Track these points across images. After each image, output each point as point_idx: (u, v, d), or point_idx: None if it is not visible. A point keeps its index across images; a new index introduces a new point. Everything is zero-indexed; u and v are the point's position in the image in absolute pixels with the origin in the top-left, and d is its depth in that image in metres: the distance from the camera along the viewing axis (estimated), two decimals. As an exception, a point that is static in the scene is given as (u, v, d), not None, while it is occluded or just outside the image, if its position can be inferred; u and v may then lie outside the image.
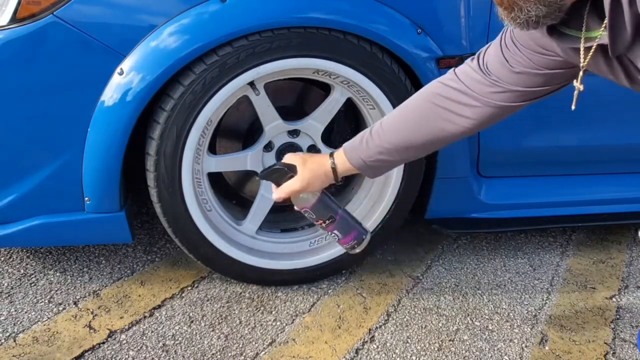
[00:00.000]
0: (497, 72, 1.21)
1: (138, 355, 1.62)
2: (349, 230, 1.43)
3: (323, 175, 1.41)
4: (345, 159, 1.39)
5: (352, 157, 1.38)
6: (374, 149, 1.35)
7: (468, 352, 1.71)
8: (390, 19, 1.69)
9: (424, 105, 1.32)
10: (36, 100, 1.55)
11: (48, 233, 1.69)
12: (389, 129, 1.34)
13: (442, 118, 1.28)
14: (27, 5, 1.48)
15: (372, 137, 1.36)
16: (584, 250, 2.28)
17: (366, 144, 1.36)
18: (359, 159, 1.37)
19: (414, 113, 1.33)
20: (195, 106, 1.62)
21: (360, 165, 1.38)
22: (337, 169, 1.40)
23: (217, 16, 1.57)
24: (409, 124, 1.33)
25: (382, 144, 1.34)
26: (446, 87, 1.29)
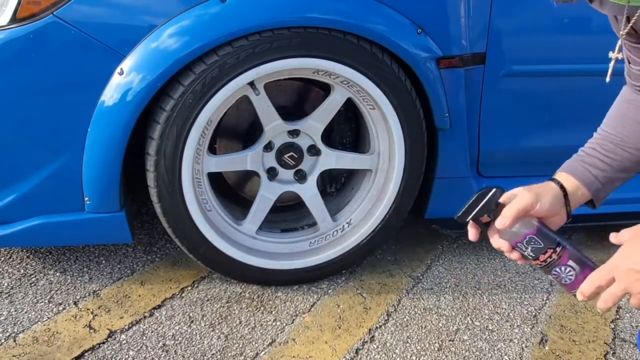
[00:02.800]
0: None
1: (138, 355, 1.62)
2: (585, 264, 1.09)
3: (552, 194, 1.14)
4: (568, 177, 1.17)
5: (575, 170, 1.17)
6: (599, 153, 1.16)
7: (468, 352, 1.71)
8: (390, 19, 1.69)
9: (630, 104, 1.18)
10: (36, 100, 1.55)
11: (48, 233, 1.69)
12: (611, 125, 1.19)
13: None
14: (27, 5, 1.48)
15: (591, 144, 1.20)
16: (584, 251, 2.28)
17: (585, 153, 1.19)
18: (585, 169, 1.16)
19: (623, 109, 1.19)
20: (195, 106, 1.62)
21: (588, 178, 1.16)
22: (567, 188, 1.15)
23: (217, 16, 1.57)
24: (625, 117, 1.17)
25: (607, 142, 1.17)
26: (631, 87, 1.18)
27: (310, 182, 1.90)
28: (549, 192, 1.14)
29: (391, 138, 1.83)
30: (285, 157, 1.84)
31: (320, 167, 1.89)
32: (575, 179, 1.16)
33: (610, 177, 1.16)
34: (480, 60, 1.83)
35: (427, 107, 1.82)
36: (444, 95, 1.80)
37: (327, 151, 1.87)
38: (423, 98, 1.81)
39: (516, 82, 1.91)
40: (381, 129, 1.85)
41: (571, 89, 1.96)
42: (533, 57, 1.89)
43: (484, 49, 1.82)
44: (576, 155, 1.19)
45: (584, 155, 1.18)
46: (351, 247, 1.93)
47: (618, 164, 1.16)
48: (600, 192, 1.17)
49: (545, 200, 1.13)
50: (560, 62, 1.92)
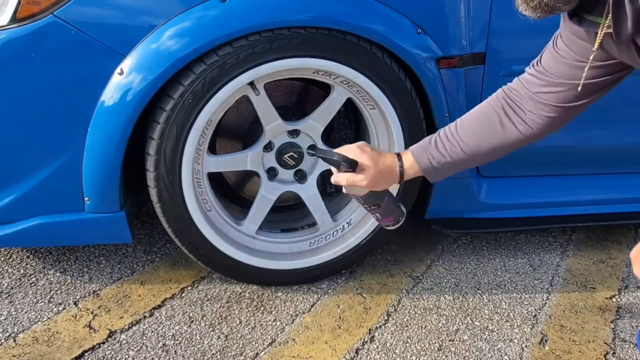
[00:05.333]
0: (549, 65, 1.25)
1: (138, 355, 1.62)
2: (390, 213, 1.49)
3: (390, 177, 1.41)
4: (413, 161, 1.39)
5: (420, 158, 1.39)
6: (443, 150, 1.37)
7: (468, 352, 1.71)
8: (390, 19, 1.69)
9: (489, 111, 1.35)
10: (36, 100, 1.55)
11: (48, 233, 1.69)
12: (460, 131, 1.36)
13: (504, 123, 1.32)
14: (27, 5, 1.48)
15: (442, 139, 1.38)
16: (584, 250, 2.28)
17: (435, 145, 1.37)
18: (428, 160, 1.38)
19: (481, 117, 1.36)
20: (195, 106, 1.62)
21: (427, 167, 1.39)
22: (405, 172, 1.41)
23: (217, 16, 1.57)
24: (477, 127, 1.35)
25: (451, 145, 1.36)
26: (507, 92, 1.33)
27: (310, 182, 1.90)
28: (387, 178, 1.40)
29: (391, 138, 1.83)
30: (285, 157, 1.84)
31: (320, 167, 1.89)
32: (417, 165, 1.39)
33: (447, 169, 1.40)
34: (480, 60, 1.83)
35: (427, 107, 1.82)
36: (444, 95, 1.80)
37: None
38: (423, 98, 1.81)
39: (516, 82, 1.91)
40: (381, 129, 1.85)
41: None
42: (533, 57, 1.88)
43: (484, 49, 1.82)
44: (427, 144, 1.38)
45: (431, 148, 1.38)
46: (351, 247, 1.93)
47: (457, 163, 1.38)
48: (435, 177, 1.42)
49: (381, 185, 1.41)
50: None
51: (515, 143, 1.34)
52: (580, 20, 1.07)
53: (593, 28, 1.07)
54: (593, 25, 1.06)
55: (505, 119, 1.32)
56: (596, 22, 1.05)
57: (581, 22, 1.08)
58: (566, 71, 1.22)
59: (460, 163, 1.38)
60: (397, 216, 1.50)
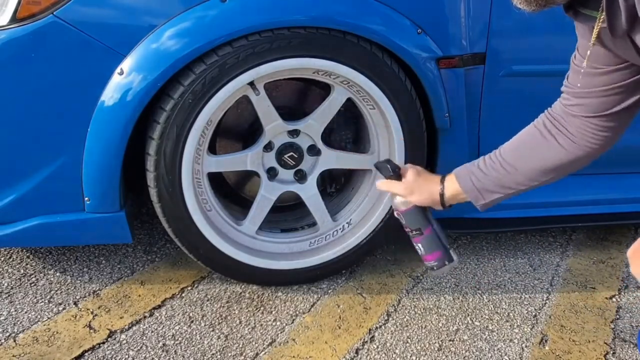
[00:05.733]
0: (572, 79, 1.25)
1: (138, 355, 1.62)
2: (434, 249, 1.44)
3: (429, 193, 1.41)
4: (454, 181, 1.39)
5: (462, 177, 1.38)
6: (484, 167, 1.35)
7: (468, 352, 1.71)
8: (390, 19, 1.69)
9: (531, 129, 1.35)
10: (36, 100, 1.55)
11: (48, 233, 1.69)
12: (502, 149, 1.36)
13: (547, 138, 1.31)
14: (27, 5, 1.48)
15: (484, 159, 1.37)
16: (584, 250, 2.28)
17: (477, 165, 1.37)
18: (469, 179, 1.37)
19: (523, 138, 1.36)
20: (195, 106, 1.62)
21: (468, 185, 1.37)
22: (445, 194, 1.40)
23: (217, 16, 1.57)
24: (518, 142, 1.35)
25: (492, 162, 1.35)
26: (551, 115, 1.33)
27: (310, 182, 1.90)
28: (425, 192, 1.41)
29: (391, 138, 1.83)
30: (285, 157, 1.84)
31: (320, 167, 1.89)
32: (458, 185, 1.38)
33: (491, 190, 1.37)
34: (480, 60, 1.83)
35: (427, 107, 1.82)
36: (444, 95, 1.80)
37: (327, 151, 1.88)
38: (423, 98, 1.81)
39: (516, 82, 1.90)
40: (381, 129, 1.85)
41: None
42: (533, 57, 1.89)
43: (484, 49, 1.82)
44: (470, 165, 1.38)
45: (474, 167, 1.37)
46: (351, 247, 1.93)
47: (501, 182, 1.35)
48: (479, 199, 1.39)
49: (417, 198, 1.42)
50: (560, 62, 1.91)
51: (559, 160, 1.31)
52: (576, 13, 1.07)
53: (589, 22, 1.06)
54: (589, 19, 1.06)
55: (547, 135, 1.31)
56: (592, 16, 1.04)
57: (577, 15, 1.07)
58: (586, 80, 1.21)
59: (504, 182, 1.35)
60: (442, 257, 1.45)
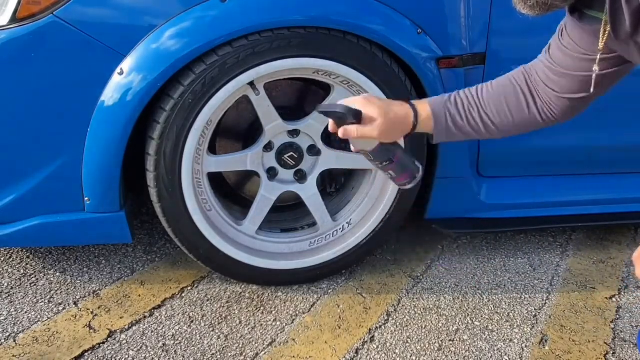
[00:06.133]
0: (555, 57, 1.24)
1: (138, 355, 1.62)
2: (404, 169, 1.40)
3: (402, 127, 1.32)
4: (429, 114, 1.31)
5: (439, 112, 1.31)
6: (462, 109, 1.31)
7: (468, 352, 1.71)
8: (390, 19, 1.69)
9: (512, 83, 1.32)
10: (36, 100, 1.55)
11: (48, 233, 1.69)
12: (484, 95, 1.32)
13: (526, 100, 1.29)
14: (27, 5, 1.48)
15: (462, 98, 1.32)
16: (584, 250, 2.28)
17: (455, 103, 1.32)
18: (444, 116, 1.31)
19: (504, 88, 1.33)
20: (195, 106, 1.62)
21: (441, 129, 1.32)
22: (419, 124, 1.32)
23: (217, 16, 1.57)
24: (500, 95, 1.32)
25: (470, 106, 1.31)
26: (528, 71, 1.31)
27: (310, 182, 1.90)
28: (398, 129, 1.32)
29: (391, 138, 1.83)
30: (285, 157, 1.84)
31: (320, 167, 1.89)
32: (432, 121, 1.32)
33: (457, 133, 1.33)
34: (480, 60, 1.83)
35: (427, 107, 1.82)
36: (444, 95, 1.80)
37: (327, 151, 1.87)
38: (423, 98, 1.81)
39: (516, 82, 1.90)
40: (381, 129, 1.85)
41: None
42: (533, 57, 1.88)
43: (484, 49, 1.82)
44: (447, 100, 1.32)
45: (451, 105, 1.32)
46: (351, 247, 1.93)
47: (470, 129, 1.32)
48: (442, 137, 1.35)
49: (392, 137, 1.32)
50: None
51: (532, 123, 1.31)
52: (581, 15, 1.07)
53: (594, 24, 1.06)
54: (594, 21, 1.05)
55: (526, 95, 1.29)
56: (597, 18, 1.04)
57: (582, 17, 1.07)
58: (571, 63, 1.21)
59: (473, 128, 1.32)
60: (412, 172, 1.41)
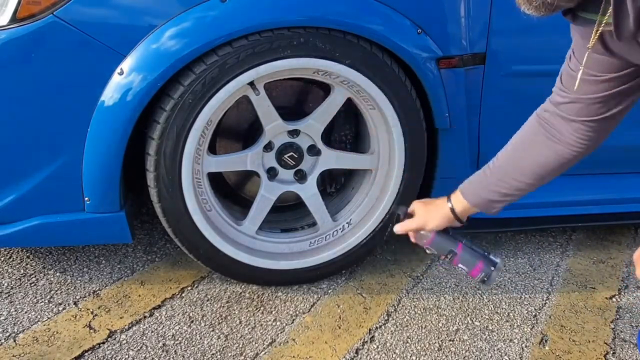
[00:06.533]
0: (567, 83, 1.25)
1: (138, 355, 1.62)
2: (474, 262, 1.48)
3: (441, 216, 1.45)
4: (462, 198, 1.42)
5: (468, 194, 1.41)
6: (489, 182, 1.38)
7: (468, 352, 1.71)
8: (390, 19, 1.69)
9: (524, 133, 1.36)
10: (36, 100, 1.55)
11: (48, 233, 1.69)
12: (502, 160, 1.38)
13: (546, 145, 1.32)
14: (27, 5, 1.48)
15: (486, 171, 1.39)
16: (584, 250, 2.28)
17: (481, 179, 1.39)
18: (476, 195, 1.40)
19: (523, 144, 1.37)
20: (195, 106, 1.62)
21: (478, 202, 1.41)
22: (456, 209, 1.44)
23: (217, 16, 1.57)
24: (514, 147, 1.37)
25: (496, 175, 1.37)
26: (540, 115, 1.33)
27: (310, 182, 1.90)
28: (437, 215, 1.45)
29: (391, 138, 1.83)
30: (285, 157, 1.84)
31: (320, 167, 1.89)
32: (467, 203, 1.42)
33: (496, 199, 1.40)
34: (480, 60, 1.83)
35: (427, 107, 1.82)
36: (444, 95, 1.80)
37: (327, 151, 1.88)
38: (423, 98, 1.81)
39: (516, 82, 1.90)
40: (381, 129, 1.85)
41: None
42: (533, 57, 1.89)
43: (484, 49, 1.82)
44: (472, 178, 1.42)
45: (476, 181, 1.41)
46: (351, 247, 1.93)
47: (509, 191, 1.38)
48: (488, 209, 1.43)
49: (433, 223, 1.46)
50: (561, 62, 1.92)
51: (554, 162, 1.33)
52: (574, 17, 1.07)
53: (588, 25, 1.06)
54: (588, 23, 1.06)
55: (539, 137, 1.32)
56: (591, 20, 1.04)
57: (575, 18, 1.07)
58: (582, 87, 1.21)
59: (505, 190, 1.37)
60: (484, 266, 1.48)
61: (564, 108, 1.27)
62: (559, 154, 1.31)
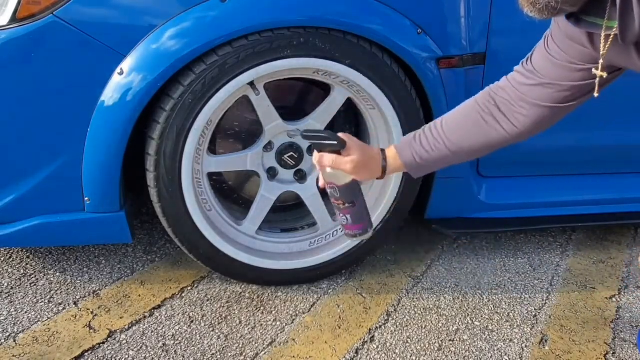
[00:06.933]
0: (540, 66, 1.24)
1: (138, 355, 1.62)
2: (360, 219, 1.43)
3: (373, 170, 1.38)
4: (396, 155, 1.37)
5: (403, 153, 1.37)
6: (427, 146, 1.35)
7: (468, 352, 1.71)
8: (390, 19, 1.69)
9: (475, 109, 1.34)
10: (36, 100, 1.55)
11: (48, 233, 1.69)
12: (446, 128, 1.35)
13: (490, 122, 1.30)
14: (27, 5, 1.48)
15: (426, 135, 1.36)
16: (584, 250, 2.28)
17: (420, 141, 1.36)
18: (411, 156, 1.36)
19: (467, 115, 1.35)
20: (195, 106, 1.62)
21: (410, 162, 1.37)
22: (388, 169, 1.39)
23: (217, 16, 1.57)
24: (463, 124, 1.34)
25: (435, 141, 1.34)
26: (495, 91, 1.32)
27: (310, 182, 1.90)
28: (370, 168, 1.37)
29: (391, 138, 1.83)
30: (285, 157, 1.84)
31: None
32: (400, 161, 1.37)
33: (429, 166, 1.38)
34: (480, 60, 1.83)
35: (427, 107, 1.82)
36: (444, 95, 1.80)
37: (327, 151, 1.87)
38: (423, 98, 1.81)
39: (516, 82, 1.90)
40: (381, 129, 1.85)
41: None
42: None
43: (484, 49, 1.82)
44: (412, 139, 1.37)
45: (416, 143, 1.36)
46: (351, 247, 1.93)
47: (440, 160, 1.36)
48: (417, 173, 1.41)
49: (362, 174, 1.37)
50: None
51: (500, 142, 1.33)
52: (577, 20, 1.07)
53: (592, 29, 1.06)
54: (592, 27, 1.06)
55: (490, 117, 1.30)
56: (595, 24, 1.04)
57: (578, 22, 1.07)
58: (557, 72, 1.21)
59: (443, 159, 1.36)
60: (366, 225, 1.45)
61: (526, 90, 1.25)
62: (511, 134, 1.30)
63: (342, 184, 1.37)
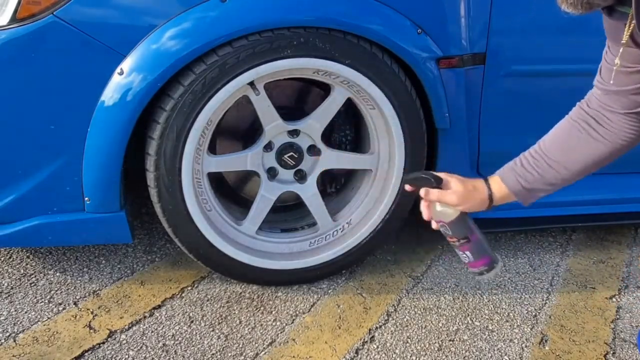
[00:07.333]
0: (604, 75, 1.23)
1: (138, 355, 1.62)
2: (481, 254, 1.40)
3: (480, 200, 1.36)
4: (500, 183, 1.36)
5: (508, 179, 1.35)
6: (528, 166, 1.33)
7: (468, 352, 1.71)
8: (390, 19, 1.69)
9: (570, 123, 1.32)
10: (36, 100, 1.55)
11: (48, 233, 1.69)
12: (543, 145, 1.34)
13: (589, 133, 1.29)
14: (27, 5, 1.48)
15: (526, 157, 1.35)
16: (584, 250, 2.28)
17: (521, 164, 1.35)
18: (515, 180, 1.34)
19: (562, 131, 1.33)
20: (195, 106, 1.62)
21: (516, 187, 1.35)
22: (494, 197, 1.36)
23: (217, 16, 1.57)
24: (560, 138, 1.33)
25: (535, 160, 1.33)
26: (585, 105, 1.31)
27: (310, 182, 1.90)
28: (475, 199, 1.36)
29: (391, 138, 1.83)
30: (285, 157, 1.84)
31: (320, 167, 1.89)
32: (506, 187, 1.36)
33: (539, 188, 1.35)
34: (480, 60, 1.83)
35: (427, 107, 1.82)
36: (444, 95, 1.80)
37: (327, 151, 1.88)
38: (423, 98, 1.81)
39: (516, 82, 1.91)
40: (381, 129, 1.85)
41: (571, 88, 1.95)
42: (533, 57, 1.89)
43: (484, 49, 1.82)
44: (513, 165, 1.36)
45: (517, 167, 1.35)
46: (351, 247, 1.93)
47: (547, 180, 1.34)
48: (527, 198, 1.38)
49: (469, 206, 1.35)
50: (561, 62, 1.92)
51: (605, 152, 1.29)
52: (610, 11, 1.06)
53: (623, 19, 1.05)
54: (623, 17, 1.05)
55: (586, 127, 1.29)
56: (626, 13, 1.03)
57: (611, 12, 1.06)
58: (618, 78, 1.20)
59: (549, 180, 1.33)
60: (490, 261, 1.41)
61: (606, 100, 1.25)
62: (611, 143, 1.27)
63: (450, 220, 1.37)
